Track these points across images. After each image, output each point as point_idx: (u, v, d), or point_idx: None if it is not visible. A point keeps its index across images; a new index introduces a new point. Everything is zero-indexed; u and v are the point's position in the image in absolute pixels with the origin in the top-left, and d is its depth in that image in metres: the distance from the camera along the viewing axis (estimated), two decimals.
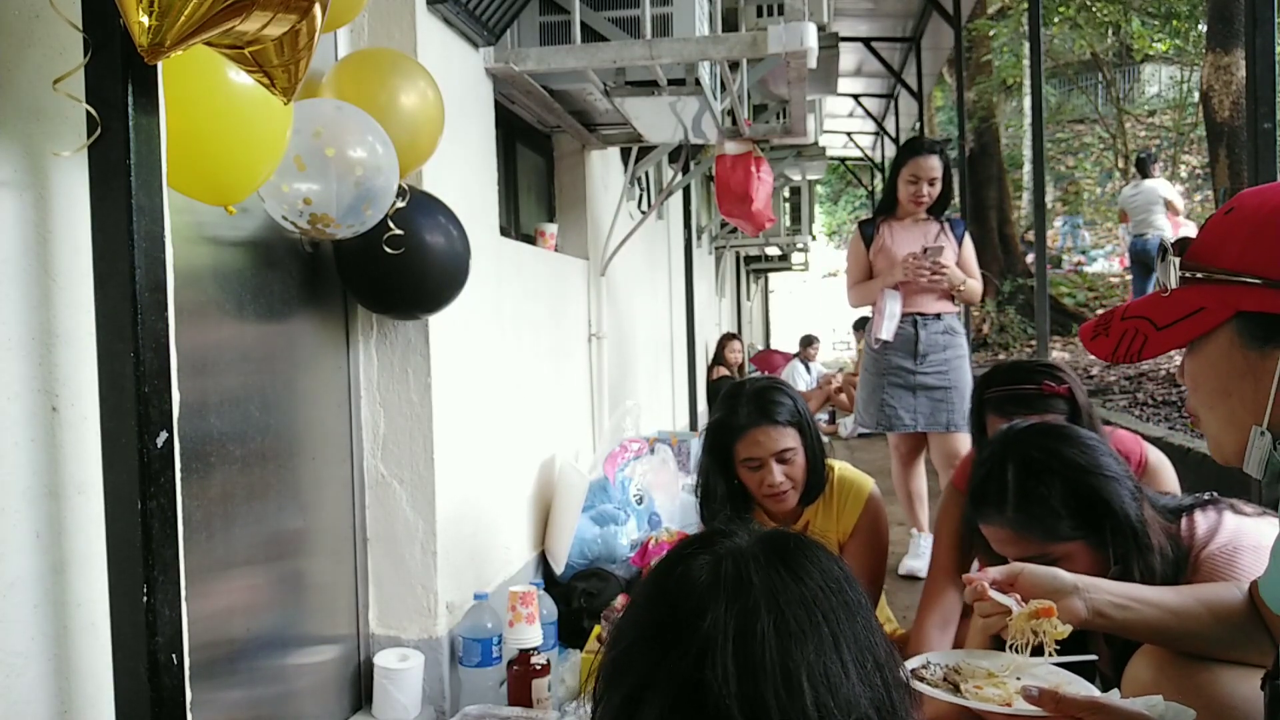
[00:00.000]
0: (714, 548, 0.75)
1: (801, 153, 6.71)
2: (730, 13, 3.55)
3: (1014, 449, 1.42)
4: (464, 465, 2.34)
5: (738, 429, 2.01)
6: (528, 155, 3.56)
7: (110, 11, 0.97)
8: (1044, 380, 1.94)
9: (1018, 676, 1.22)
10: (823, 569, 0.73)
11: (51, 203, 1.11)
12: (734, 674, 0.65)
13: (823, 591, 0.70)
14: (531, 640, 2.13)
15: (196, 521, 1.57)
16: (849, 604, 0.71)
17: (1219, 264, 0.90)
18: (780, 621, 0.67)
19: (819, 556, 0.74)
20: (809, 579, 0.71)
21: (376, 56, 1.92)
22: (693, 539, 0.79)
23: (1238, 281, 0.88)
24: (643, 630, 0.72)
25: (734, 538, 0.76)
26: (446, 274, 2.00)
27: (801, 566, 0.72)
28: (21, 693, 1.07)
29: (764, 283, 18.32)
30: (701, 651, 0.66)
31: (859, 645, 0.69)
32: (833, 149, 13.29)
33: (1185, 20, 10.51)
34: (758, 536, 0.76)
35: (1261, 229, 0.88)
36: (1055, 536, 1.36)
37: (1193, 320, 0.92)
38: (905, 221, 3.40)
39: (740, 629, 0.67)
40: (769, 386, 2.07)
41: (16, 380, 1.07)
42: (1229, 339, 0.90)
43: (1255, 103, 2.42)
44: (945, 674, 1.24)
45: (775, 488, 1.98)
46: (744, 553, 0.73)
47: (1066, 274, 11.96)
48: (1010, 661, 1.25)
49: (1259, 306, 0.87)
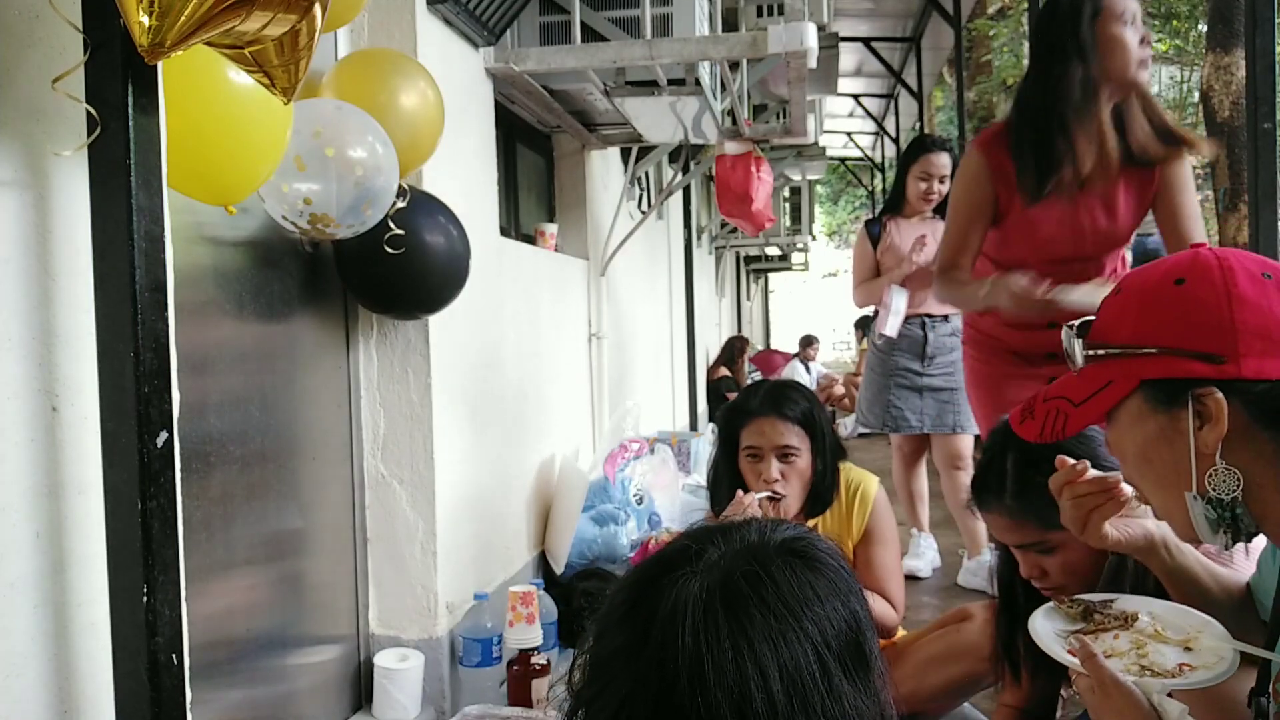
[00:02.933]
0: (690, 564, 0.73)
1: (801, 153, 6.71)
2: (730, 13, 3.55)
3: (1014, 438, 1.44)
4: (464, 465, 2.34)
5: (747, 414, 2.02)
6: (528, 155, 3.56)
7: (110, 11, 0.97)
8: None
9: (1156, 628, 1.14)
10: (796, 580, 0.71)
11: (51, 203, 1.11)
12: (702, 702, 0.65)
13: (790, 611, 0.69)
14: (531, 640, 2.13)
15: (196, 521, 1.57)
16: (819, 618, 0.70)
17: (1118, 340, 0.99)
18: (749, 648, 0.66)
19: (793, 566, 0.73)
20: (780, 598, 0.70)
21: (376, 56, 1.92)
22: (672, 550, 0.77)
23: (1136, 354, 0.96)
24: (621, 643, 0.72)
25: (713, 549, 0.74)
26: (446, 274, 2.00)
27: (774, 582, 0.70)
28: (21, 692, 1.07)
29: (764, 283, 18.32)
30: (672, 677, 0.67)
31: (828, 661, 0.68)
32: (833, 149, 13.29)
33: (1185, 20, 10.51)
34: (734, 551, 0.74)
35: (1148, 304, 0.97)
36: (1051, 524, 1.38)
37: (1104, 393, 0.99)
38: (913, 220, 3.39)
39: (708, 658, 0.66)
40: (790, 385, 2.08)
41: (16, 380, 1.07)
42: (1139, 406, 0.97)
43: (1255, 103, 2.42)
44: (1085, 609, 1.18)
45: (769, 483, 1.98)
46: (716, 573, 0.71)
47: None
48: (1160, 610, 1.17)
49: (1160, 373, 0.95)
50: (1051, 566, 1.42)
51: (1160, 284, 0.97)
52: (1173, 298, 0.95)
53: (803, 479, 2.02)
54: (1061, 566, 1.41)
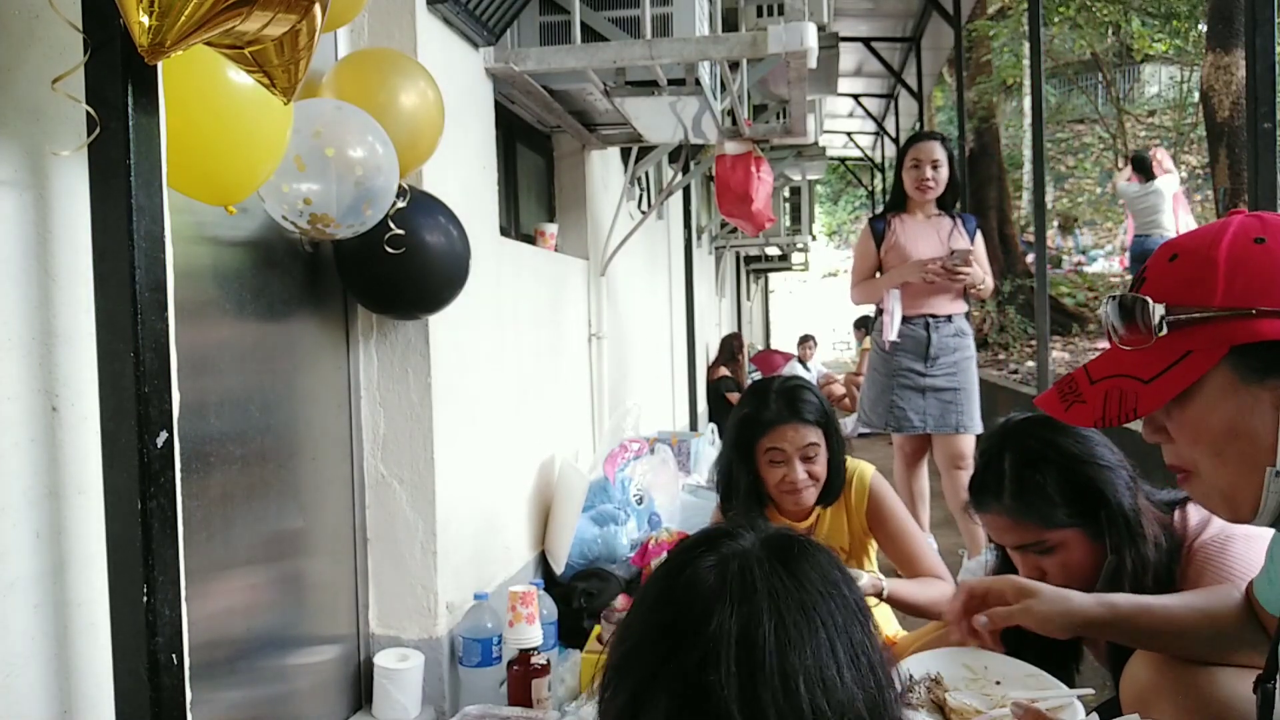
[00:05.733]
0: (719, 549, 0.76)
1: (801, 153, 6.70)
2: (730, 13, 3.55)
3: (1011, 439, 1.46)
4: (464, 465, 2.34)
5: (765, 423, 2.01)
6: (528, 155, 3.56)
7: (110, 11, 0.97)
8: None
9: (997, 680, 1.24)
10: (822, 573, 0.74)
11: (51, 203, 1.11)
12: (735, 677, 0.67)
13: (821, 596, 0.72)
14: (531, 640, 2.13)
15: (196, 521, 1.57)
16: (846, 607, 0.73)
17: (1197, 304, 0.89)
18: (780, 626, 0.69)
19: (819, 560, 0.76)
20: (808, 583, 0.73)
21: (376, 56, 1.91)
22: (698, 539, 0.80)
23: (1229, 316, 0.87)
24: (649, 630, 0.74)
25: (738, 539, 0.77)
26: (446, 274, 2.00)
27: (802, 570, 0.74)
28: (22, 693, 1.07)
29: (764, 283, 18.32)
30: (705, 655, 0.68)
31: (854, 648, 0.71)
32: (833, 149, 13.30)
33: (1185, 20, 10.50)
34: (760, 538, 0.77)
35: (1235, 265, 0.88)
36: (1051, 524, 1.39)
37: (1183, 366, 0.89)
38: (917, 217, 3.36)
39: (743, 634, 0.68)
40: (799, 385, 2.07)
41: (16, 380, 1.07)
42: (1226, 378, 0.88)
43: (1255, 103, 2.42)
44: (929, 688, 1.25)
45: (796, 484, 1.99)
46: (748, 555, 0.75)
47: (1066, 274, 11.96)
48: (988, 661, 1.27)
49: (1252, 337, 0.86)
50: (1050, 567, 1.42)
51: (1237, 244, 0.89)
52: (1260, 257, 0.87)
53: (822, 472, 2.03)
54: (1060, 567, 1.41)
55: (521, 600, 2.16)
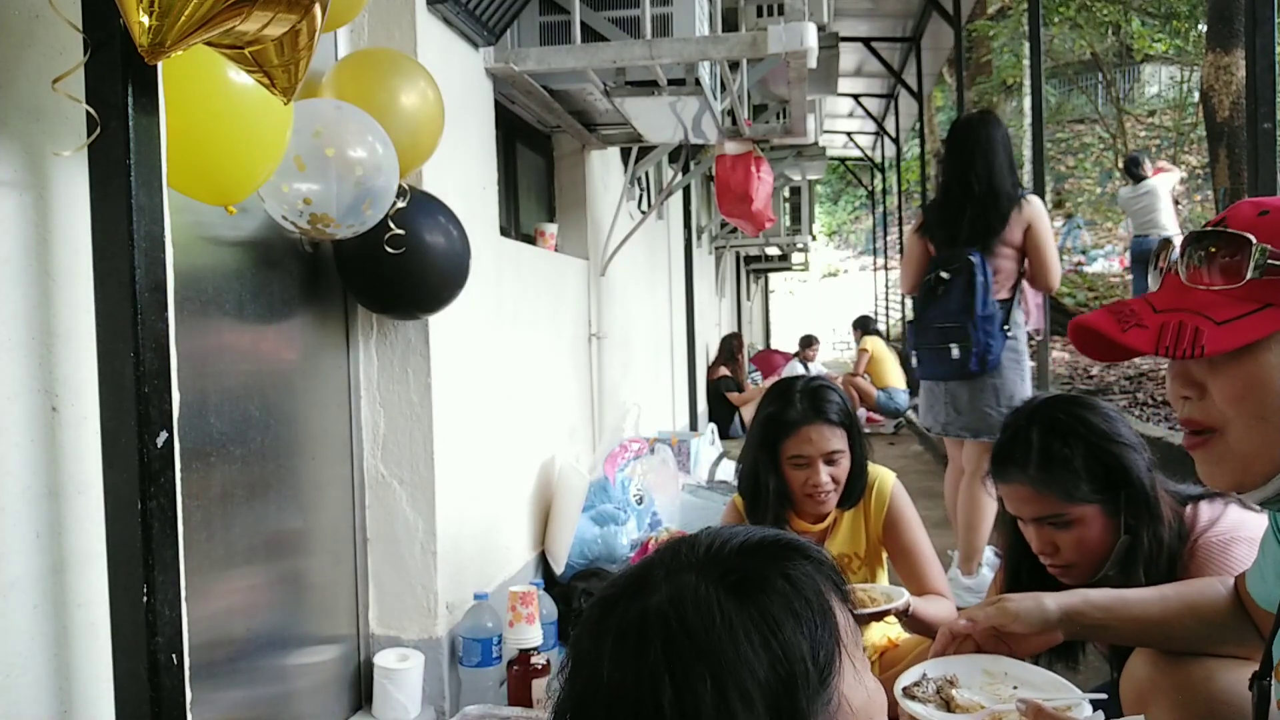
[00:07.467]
0: (634, 599, 0.70)
1: (801, 153, 6.71)
2: (730, 13, 3.56)
3: (1040, 413, 1.48)
4: (464, 465, 2.34)
5: (790, 424, 1.99)
6: (528, 155, 3.56)
7: (110, 11, 0.97)
8: None
9: (1015, 686, 1.24)
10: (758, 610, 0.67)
11: (51, 203, 1.11)
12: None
13: (733, 643, 0.65)
14: (531, 640, 2.13)
15: (196, 521, 1.57)
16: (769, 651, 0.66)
17: None
18: (682, 686, 0.64)
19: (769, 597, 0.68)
20: (726, 630, 0.66)
21: (376, 56, 1.92)
22: (627, 580, 0.74)
23: None
24: (604, 683, 0.69)
25: (651, 593, 0.70)
26: (446, 274, 2.00)
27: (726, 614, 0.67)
28: (22, 693, 1.07)
29: (764, 283, 18.32)
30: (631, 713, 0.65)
31: (767, 689, 0.64)
32: (833, 149, 13.29)
33: (1185, 20, 10.52)
34: (688, 579, 0.69)
35: None
36: (1073, 498, 1.40)
37: (1260, 316, 0.84)
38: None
39: (646, 693, 0.64)
40: (823, 385, 2.06)
41: (16, 380, 1.07)
42: None
43: (1255, 103, 2.42)
44: (939, 687, 1.24)
45: (819, 488, 1.97)
46: (655, 605, 0.68)
47: (1067, 274, 11.96)
48: (1008, 668, 1.27)
49: None
50: (1065, 542, 1.42)
51: None
52: None
53: (845, 474, 2.02)
54: (1075, 543, 1.41)
55: (521, 600, 2.16)
